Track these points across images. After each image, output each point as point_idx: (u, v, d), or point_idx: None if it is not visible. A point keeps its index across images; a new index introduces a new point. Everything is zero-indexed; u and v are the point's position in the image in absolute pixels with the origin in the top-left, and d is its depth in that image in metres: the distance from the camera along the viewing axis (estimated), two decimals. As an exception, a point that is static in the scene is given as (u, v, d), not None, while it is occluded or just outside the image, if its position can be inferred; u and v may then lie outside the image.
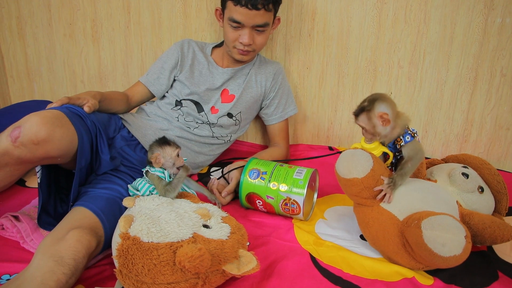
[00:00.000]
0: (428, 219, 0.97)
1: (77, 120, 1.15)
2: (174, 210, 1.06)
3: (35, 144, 1.00)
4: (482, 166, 1.25)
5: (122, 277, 0.94)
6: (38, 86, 2.11)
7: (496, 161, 1.74)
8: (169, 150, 1.19)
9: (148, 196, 1.13)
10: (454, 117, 1.73)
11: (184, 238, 0.95)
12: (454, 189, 1.17)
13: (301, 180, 1.25)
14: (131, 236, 0.95)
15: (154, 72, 1.62)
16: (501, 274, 1.05)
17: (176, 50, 1.61)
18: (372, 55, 1.72)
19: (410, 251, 1.02)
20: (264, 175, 1.29)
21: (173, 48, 1.63)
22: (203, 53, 1.64)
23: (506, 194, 1.22)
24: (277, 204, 1.27)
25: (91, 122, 1.22)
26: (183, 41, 1.64)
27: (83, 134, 1.14)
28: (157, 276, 0.90)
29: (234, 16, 1.43)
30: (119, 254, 0.94)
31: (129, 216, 1.01)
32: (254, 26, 1.45)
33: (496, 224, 1.07)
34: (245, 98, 1.62)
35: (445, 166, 1.27)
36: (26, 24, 2.00)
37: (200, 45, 1.67)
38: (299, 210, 1.26)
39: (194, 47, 1.64)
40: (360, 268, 1.07)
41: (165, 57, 1.62)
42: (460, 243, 0.94)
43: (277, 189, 1.26)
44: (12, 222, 1.20)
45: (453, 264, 0.96)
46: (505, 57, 1.60)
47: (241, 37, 1.47)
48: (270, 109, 1.69)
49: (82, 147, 1.13)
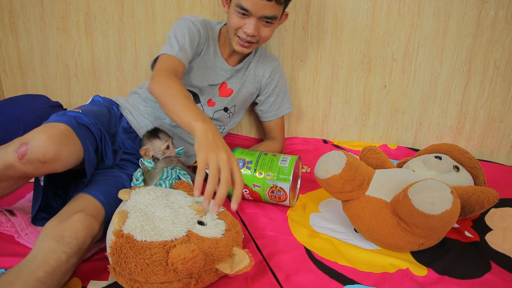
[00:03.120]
0: (413, 186, 1.01)
1: (84, 132, 1.14)
2: (169, 205, 1.06)
3: (42, 163, 0.99)
4: (451, 149, 1.32)
5: (115, 274, 0.94)
6: (31, 80, 2.09)
7: (489, 153, 1.75)
8: (157, 143, 1.25)
9: (144, 189, 1.12)
10: (447, 109, 1.74)
11: (178, 236, 0.95)
12: (432, 173, 1.23)
13: (286, 168, 1.28)
14: (125, 234, 0.95)
15: (186, 45, 1.39)
16: (494, 264, 1.06)
17: (197, 31, 1.45)
18: (366, 48, 1.72)
19: (405, 226, 1.04)
20: (250, 164, 1.31)
21: (192, 25, 1.44)
22: (213, 41, 1.52)
23: (480, 168, 1.28)
24: (263, 192, 1.30)
25: (96, 129, 1.21)
26: (200, 21, 1.47)
27: (89, 146, 1.13)
28: (149, 275, 0.90)
29: (243, 3, 1.33)
30: (113, 252, 0.94)
31: (123, 213, 1.00)
32: (261, 16, 1.35)
33: (479, 190, 1.14)
34: (242, 92, 1.61)
35: (418, 157, 1.34)
36: (18, 18, 1.99)
37: (209, 26, 1.52)
38: (285, 197, 1.29)
39: (208, 31, 1.50)
40: (355, 260, 1.08)
41: (191, 35, 1.42)
42: (448, 197, 0.97)
43: (263, 177, 1.28)
44: (6, 217, 1.19)
45: (448, 221, 0.99)
46: (498, 49, 1.61)
47: (246, 25, 1.37)
48: (265, 106, 1.68)
49: (89, 159, 1.13)
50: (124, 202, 1.10)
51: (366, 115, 1.82)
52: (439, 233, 1.07)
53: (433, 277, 1.02)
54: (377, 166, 1.26)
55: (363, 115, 1.83)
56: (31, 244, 1.11)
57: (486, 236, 1.18)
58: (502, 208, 1.30)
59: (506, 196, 1.36)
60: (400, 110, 1.78)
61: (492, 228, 1.22)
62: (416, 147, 1.79)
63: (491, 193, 1.13)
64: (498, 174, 1.52)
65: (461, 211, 1.11)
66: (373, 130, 1.84)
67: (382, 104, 1.79)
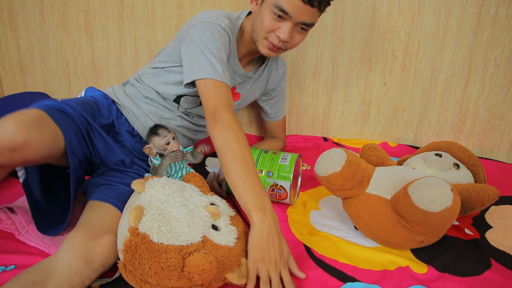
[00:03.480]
0: (413, 184, 1.01)
1: (63, 118, 1.08)
2: (185, 204, 1.03)
3: (11, 150, 0.93)
4: (451, 146, 1.32)
5: (125, 271, 0.92)
6: (31, 77, 2.09)
7: (490, 151, 1.75)
8: (157, 140, 1.21)
9: (158, 181, 1.08)
10: (448, 107, 1.73)
11: (194, 241, 0.93)
12: (432, 171, 1.23)
13: (287, 166, 1.27)
14: (141, 233, 0.92)
15: (225, 63, 1.24)
16: (494, 261, 1.06)
17: (228, 40, 1.29)
18: (367, 46, 1.72)
19: (405, 224, 1.04)
20: None
21: (224, 34, 1.26)
22: (233, 41, 1.34)
23: (480, 165, 1.28)
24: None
25: (79, 116, 1.15)
26: (227, 25, 1.28)
27: (70, 133, 1.08)
28: (163, 279, 0.89)
29: (283, 5, 1.18)
30: (126, 249, 0.91)
31: (139, 209, 0.96)
32: (299, 22, 1.22)
33: (479, 187, 1.13)
34: (249, 97, 1.55)
35: (418, 155, 1.33)
36: (18, 15, 1.98)
37: (232, 26, 1.32)
38: (286, 195, 1.28)
39: (233, 34, 1.32)
40: (355, 258, 1.08)
41: (225, 47, 1.26)
42: (448, 195, 0.97)
43: (263, 175, 1.28)
44: (6, 214, 1.20)
45: (448, 218, 0.99)
46: (499, 47, 1.61)
47: (281, 30, 1.22)
48: (267, 105, 1.65)
49: (71, 146, 1.07)
50: (137, 193, 1.06)
51: (366, 113, 1.82)
52: (439, 231, 1.07)
53: (433, 275, 1.02)
54: (377, 164, 1.26)
55: (363, 112, 1.83)
56: (32, 241, 1.11)
57: (486, 234, 1.18)
58: (502, 206, 1.30)
59: (506, 193, 1.36)
60: (400, 107, 1.78)
61: (492, 226, 1.22)
62: (416, 145, 1.79)
63: (491, 191, 1.13)
64: (498, 172, 1.52)
65: (461, 209, 1.11)
66: (373, 128, 1.84)
67: (382, 101, 1.79)
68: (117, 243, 0.97)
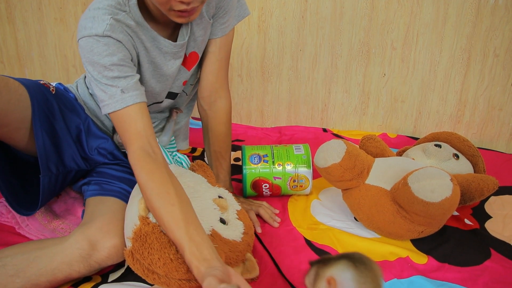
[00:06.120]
0: (413, 174, 1.01)
1: (35, 89, 1.03)
2: (195, 195, 1.02)
3: None
4: (451, 137, 1.31)
5: (132, 259, 0.90)
6: (29, 71, 2.08)
7: (489, 142, 1.75)
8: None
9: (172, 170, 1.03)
10: (447, 98, 1.73)
11: None
12: (432, 161, 1.23)
13: (304, 155, 1.29)
14: (152, 223, 0.91)
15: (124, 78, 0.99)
16: (494, 251, 1.06)
17: (117, 36, 0.98)
18: (366, 37, 1.71)
19: (405, 214, 1.05)
20: (266, 157, 1.30)
21: (102, 46, 0.96)
22: (140, 28, 1.03)
23: (479, 156, 1.27)
24: (285, 184, 1.29)
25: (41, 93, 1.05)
26: (110, 25, 0.96)
27: (36, 96, 1.01)
28: (171, 271, 0.88)
29: None
30: (135, 238, 0.90)
31: None
32: None
33: (479, 177, 1.14)
34: (205, 42, 1.19)
35: (417, 146, 1.33)
36: (15, 8, 1.97)
37: (123, 18, 0.99)
38: (307, 184, 1.29)
39: (126, 29, 1.00)
40: (354, 249, 1.08)
41: (119, 60, 0.99)
42: (448, 185, 0.98)
43: (283, 168, 1.28)
44: (7, 208, 1.19)
45: (448, 208, 0.99)
46: (498, 37, 1.60)
47: None
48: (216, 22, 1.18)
49: (35, 114, 1.01)
50: None
51: (366, 104, 1.82)
52: (439, 221, 1.07)
53: (433, 265, 1.02)
54: (377, 155, 1.26)
55: (362, 104, 1.82)
56: (32, 235, 1.12)
57: (486, 224, 1.19)
58: (501, 196, 1.30)
59: (506, 183, 1.36)
60: (400, 98, 1.78)
61: (491, 216, 1.22)
62: (415, 136, 1.79)
63: (491, 181, 1.13)
64: (497, 162, 1.52)
65: (461, 199, 1.11)
66: (372, 119, 1.84)
67: (382, 92, 1.79)
68: (125, 230, 0.97)
